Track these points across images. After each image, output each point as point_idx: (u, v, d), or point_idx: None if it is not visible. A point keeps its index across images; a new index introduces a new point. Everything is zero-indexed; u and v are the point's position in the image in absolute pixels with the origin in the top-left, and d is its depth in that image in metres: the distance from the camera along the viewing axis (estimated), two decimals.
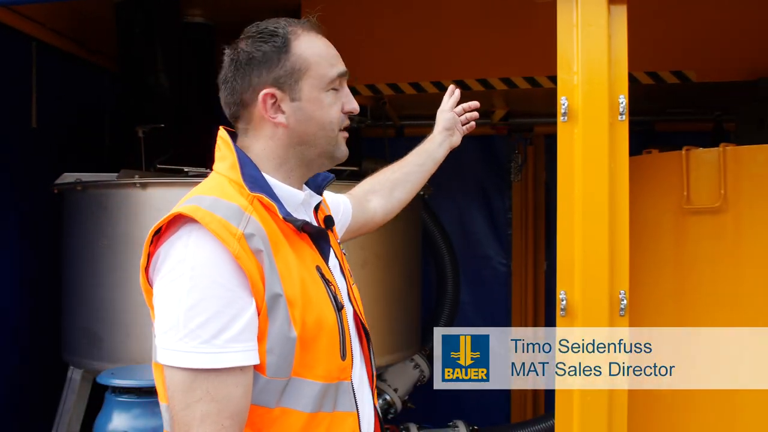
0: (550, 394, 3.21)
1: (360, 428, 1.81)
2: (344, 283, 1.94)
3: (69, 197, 4.39)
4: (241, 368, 1.59)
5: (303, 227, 1.76)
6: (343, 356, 1.77)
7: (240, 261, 1.59)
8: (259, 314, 1.62)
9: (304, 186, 1.96)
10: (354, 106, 1.90)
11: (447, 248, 6.16)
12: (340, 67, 1.87)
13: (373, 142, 5.78)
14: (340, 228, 2.32)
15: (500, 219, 6.62)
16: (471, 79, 4.94)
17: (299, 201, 1.87)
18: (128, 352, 4.03)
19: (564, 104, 2.97)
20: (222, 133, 1.88)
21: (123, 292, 4.03)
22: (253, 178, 1.76)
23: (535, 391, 6.51)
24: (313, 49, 1.84)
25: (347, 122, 1.89)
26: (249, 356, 1.60)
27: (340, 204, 2.40)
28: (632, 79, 4.57)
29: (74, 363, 4.36)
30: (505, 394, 6.58)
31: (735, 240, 3.67)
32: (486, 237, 6.62)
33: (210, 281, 1.59)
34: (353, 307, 1.94)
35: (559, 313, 3.01)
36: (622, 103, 2.95)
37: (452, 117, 2.78)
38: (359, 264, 4.24)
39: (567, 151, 3.00)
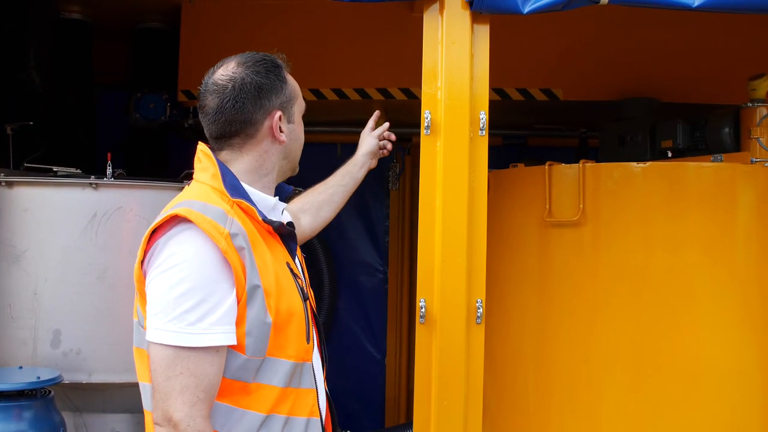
0: None
1: (318, 403, 2.15)
2: (303, 278, 2.27)
3: None
4: (217, 349, 1.88)
5: (278, 228, 2.10)
6: (308, 340, 2.10)
7: (227, 256, 1.89)
8: (239, 302, 1.91)
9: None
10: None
11: (324, 253, 6.21)
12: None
13: None
14: None
15: (378, 226, 6.71)
16: (349, 88, 5.00)
17: (271, 206, 2.19)
18: None
19: (427, 117, 3.08)
20: (203, 147, 2.16)
21: None
22: (233, 186, 2.06)
23: (408, 396, 6.60)
24: (294, 82, 2.27)
25: None
26: (227, 338, 1.89)
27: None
28: (503, 94, 4.76)
29: None
30: (381, 398, 6.65)
31: (592, 253, 3.81)
32: (364, 244, 6.69)
33: (199, 273, 1.88)
34: (308, 300, 2.23)
35: (418, 320, 3.10)
36: (482, 118, 3.06)
37: (376, 143, 3.10)
38: None
39: (429, 164, 3.11)
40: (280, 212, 2.28)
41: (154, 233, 1.97)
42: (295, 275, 2.12)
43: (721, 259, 3.71)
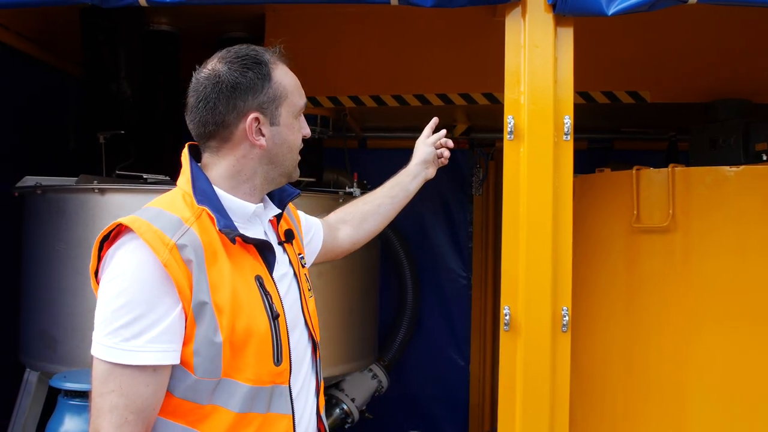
0: None
1: (294, 430, 1.97)
2: (297, 294, 2.09)
3: (29, 200, 4.40)
4: (154, 368, 1.76)
5: (235, 239, 1.89)
6: (278, 362, 1.91)
7: (168, 269, 1.75)
8: (186, 319, 1.78)
9: (266, 198, 2.13)
10: (308, 131, 2.11)
11: (408, 260, 6.20)
12: (304, 97, 2.08)
13: (334, 153, 5.81)
14: (310, 251, 2.50)
15: (461, 232, 6.67)
16: (431, 93, 4.99)
17: (249, 213, 2.01)
18: (83, 355, 4.00)
19: (510, 123, 3.04)
20: (184, 151, 2.04)
21: (79, 295, 4.04)
22: (202, 191, 1.93)
23: (492, 403, 6.55)
24: (288, 79, 2.04)
25: (301, 146, 2.10)
26: (165, 356, 1.76)
27: (313, 227, 2.56)
28: (589, 98, 4.68)
29: (30, 365, 4.35)
30: (463, 405, 6.62)
31: (683, 260, 3.73)
32: (447, 250, 6.66)
33: (138, 286, 1.76)
34: (305, 318, 2.10)
35: (502, 328, 3.07)
36: (567, 123, 3.01)
37: (431, 151, 2.86)
38: (315, 274, 4.25)
39: (513, 169, 3.06)
40: (269, 219, 2.13)
41: (107, 242, 1.87)
42: (265, 292, 1.93)
43: None
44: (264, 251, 1.98)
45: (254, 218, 2.05)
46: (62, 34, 5.20)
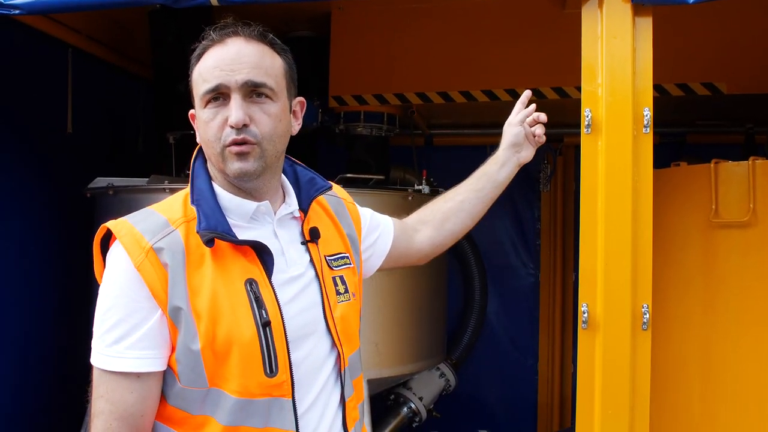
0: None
1: None
2: (317, 298, 1.91)
3: (101, 201, 4.46)
4: (138, 375, 1.70)
5: (211, 241, 1.75)
6: (271, 373, 1.76)
7: (142, 273, 1.69)
8: (169, 324, 1.71)
9: (291, 194, 1.98)
10: (231, 116, 1.79)
11: (475, 257, 6.15)
12: (211, 81, 1.80)
13: (401, 150, 5.79)
14: (377, 253, 2.31)
15: (529, 229, 6.59)
16: (499, 89, 4.92)
17: (250, 211, 1.86)
18: None
19: (588, 116, 2.97)
20: (198, 147, 1.95)
21: None
22: (200, 190, 1.84)
23: (562, 402, 6.47)
24: (200, 66, 1.86)
25: (234, 136, 1.79)
26: (145, 363, 1.70)
27: (380, 226, 2.34)
28: (662, 90, 4.57)
29: None
30: (531, 405, 6.54)
31: (764, 254, 3.62)
32: (514, 247, 6.59)
33: (118, 291, 1.72)
34: (327, 325, 1.91)
35: (580, 325, 3.00)
36: (646, 115, 2.93)
37: (520, 131, 2.50)
38: (385, 272, 4.25)
39: (590, 163, 2.99)
40: (274, 220, 1.92)
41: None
42: (256, 297, 1.76)
43: None
44: (261, 253, 1.81)
45: (261, 217, 1.89)
46: (131, 36, 5.28)
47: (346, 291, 2.00)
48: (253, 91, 1.82)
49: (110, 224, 1.78)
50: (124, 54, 5.42)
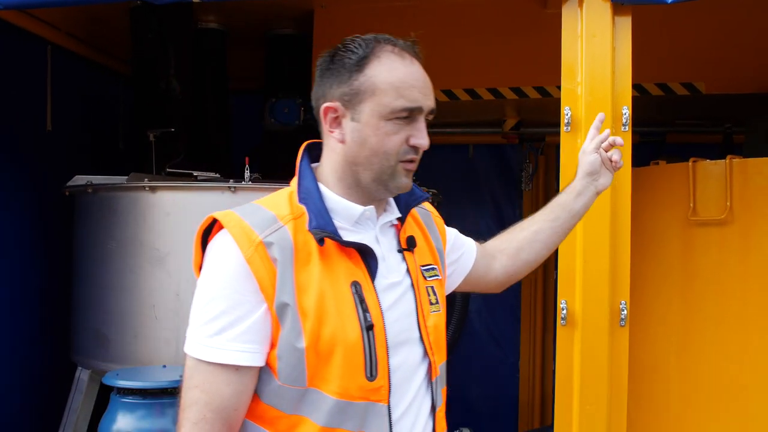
0: None
1: None
2: (412, 307, 1.92)
3: (80, 199, 4.43)
4: (236, 368, 1.68)
5: (324, 240, 1.75)
6: (371, 377, 1.75)
7: (251, 266, 1.67)
8: (272, 319, 1.69)
9: (391, 201, 1.97)
10: (420, 141, 1.81)
11: None
12: (411, 101, 1.79)
13: None
14: (457, 271, 2.32)
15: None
16: (481, 88, 4.94)
17: (356, 215, 1.86)
18: (135, 353, 4.06)
19: (567, 114, 2.99)
20: (302, 146, 1.93)
21: (131, 293, 4.07)
22: (307, 190, 1.83)
23: (543, 399, 6.50)
24: (386, 75, 1.79)
25: (412, 155, 1.83)
26: (245, 357, 1.68)
27: (464, 246, 2.36)
28: (642, 90, 4.61)
29: (82, 363, 4.39)
30: (513, 402, 6.57)
31: (741, 252, 3.67)
32: None
33: (222, 282, 1.70)
34: (421, 334, 1.92)
35: (559, 322, 3.02)
36: (625, 114, 2.96)
37: (596, 159, 2.37)
38: None
39: (570, 161, 3.01)
40: (376, 226, 1.92)
41: (209, 236, 1.80)
42: (361, 300, 1.77)
43: None
44: (366, 257, 1.82)
45: (365, 221, 1.89)
46: (111, 33, 5.26)
47: (437, 302, 2.00)
48: None
49: (218, 215, 1.76)
50: (104, 51, 5.41)
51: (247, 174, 3.99)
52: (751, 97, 4.56)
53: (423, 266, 2.02)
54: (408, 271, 1.94)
